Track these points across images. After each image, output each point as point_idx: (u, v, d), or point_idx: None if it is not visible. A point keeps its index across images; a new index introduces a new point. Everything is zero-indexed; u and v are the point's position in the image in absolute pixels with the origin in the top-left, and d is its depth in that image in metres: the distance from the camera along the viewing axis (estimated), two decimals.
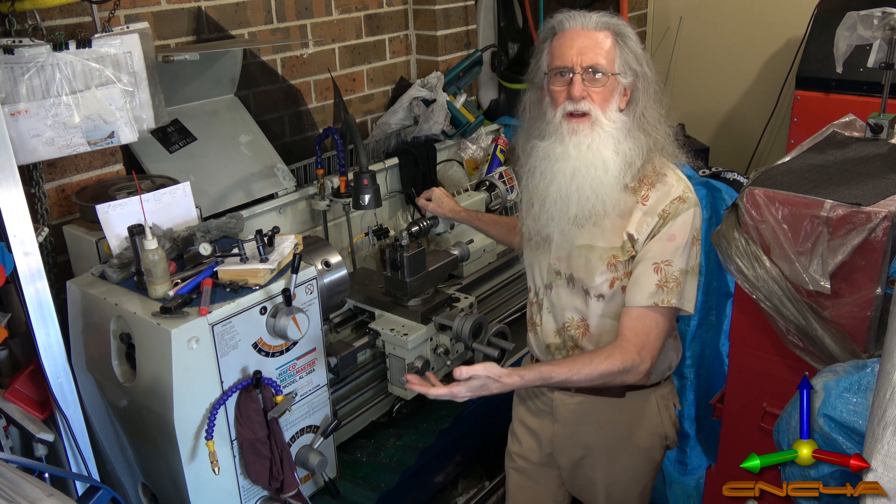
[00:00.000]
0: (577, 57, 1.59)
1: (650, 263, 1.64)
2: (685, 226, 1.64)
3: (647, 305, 1.64)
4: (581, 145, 1.61)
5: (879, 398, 1.15)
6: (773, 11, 3.72)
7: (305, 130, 2.83)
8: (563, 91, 1.62)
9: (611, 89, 1.62)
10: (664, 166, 1.68)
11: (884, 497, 1.10)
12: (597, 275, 1.69)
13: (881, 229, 1.58)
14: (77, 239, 1.93)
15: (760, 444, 1.61)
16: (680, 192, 1.65)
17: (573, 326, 1.77)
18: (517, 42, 3.48)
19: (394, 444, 2.17)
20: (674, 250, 1.63)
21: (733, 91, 4.00)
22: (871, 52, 2.03)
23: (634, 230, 1.66)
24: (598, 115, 1.61)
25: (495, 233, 2.20)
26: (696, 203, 1.68)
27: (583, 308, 1.75)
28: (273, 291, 1.69)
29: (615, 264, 1.68)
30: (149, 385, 1.62)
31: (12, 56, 1.66)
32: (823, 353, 1.70)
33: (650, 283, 1.63)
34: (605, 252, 1.68)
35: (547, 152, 1.65)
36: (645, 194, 1.66)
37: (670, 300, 1.63)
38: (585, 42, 1.60)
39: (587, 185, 1.61)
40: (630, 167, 1.63)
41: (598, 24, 1.62)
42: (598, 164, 1.61)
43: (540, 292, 1.83)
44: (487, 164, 2.99)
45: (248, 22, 2.56)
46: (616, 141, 1.62)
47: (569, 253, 1.73)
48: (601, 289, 1.70)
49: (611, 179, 1.61)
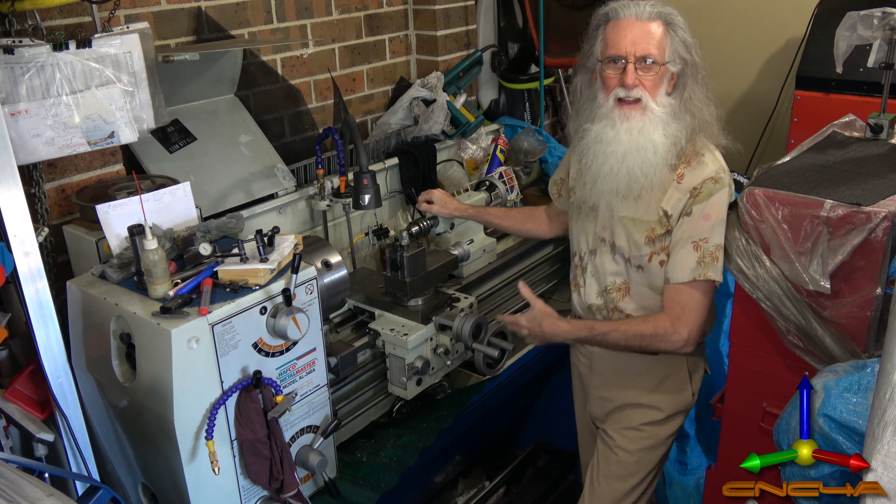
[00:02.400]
0: (630, 46, 1.70)
1: (689, 242, 1.75)
2: (720, 205, 1.75)
3: (687, 281, 1.75)
4: (633, 130, 1.72)
5: (879, 398, 1.15)
6: (773, 11, 3.72)
7: (305, 130, 2.83)
8: (615, 77, 1.72)
9: (661, 76, 1.72)
10: (704, 147, 1.78)
11: (884, 497, 1.11)
12: (638, 247, 1.82)
13: (881, 229, 1.58)
14: (77, 239, 1.93)
15: (760, 444, 1.62)
16: (713, 172, 1.75)
17: (615, 289, 1.91)
18: (517, 42, 3.48)
19: (394, 444, 2.17)
20: (710, 228, 1.74)
21: (733, 91, 4.00)
22: (871, 52, 2.04)
23: (669, 207, 1.77)
24: (649, 101, 1.71)
25: (507, 224, 2.26)
26: (730, 184, 1.78)
27: (623, 274, 1.88)
28: (273, 291, 1.69)
29: (653, 239, 1.80)
30: (149, 385, 1.62)
31: (12, 56, 1.66)
32: (823, 353, 1.70)
33: (691, 260, 1.75)
34: (645, 225, 1.80)
35: (599, 136, 1.76)
36: (681, 173, 1.77)
37: (707, 273, 1.74)
38: (639, 32, 1.70)
39: (637, 166, 1.73)
40: (676, 147, 1.74)
41: (651, 14, 1.71)
42: (647, 146, 1.72)
43: (585, 257, 1.97)
44: (487, 164, 2.99)
45: (248, 22, 2.56)
46: (665, 124, 1.72)
47: (612, 223, 1.86)
48: (641, 261, 1.83)
49: (659, 160, 1.73)
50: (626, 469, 2.00)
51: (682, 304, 1.77)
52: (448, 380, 2.35)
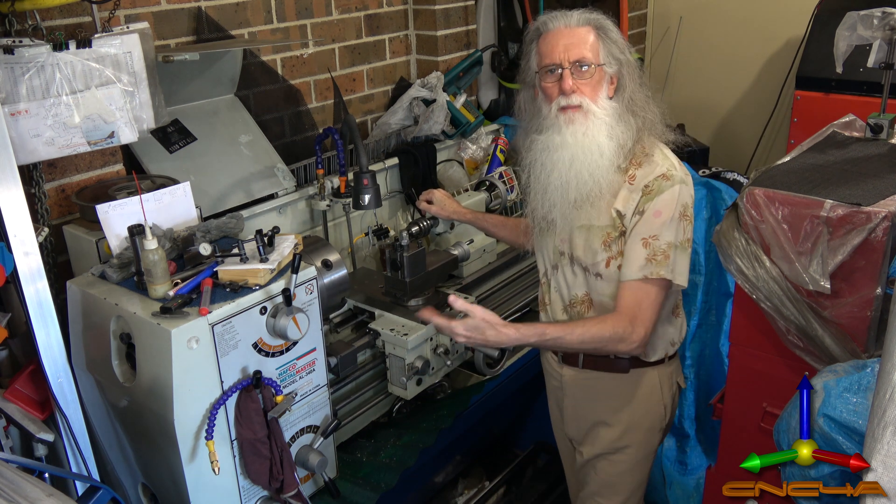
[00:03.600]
0: (563, 53, 1.71)
1: (638, 239, 1.73)
2: (670, 202, 1.72)
3: (638, 279, 1.72)
4: (577, 133, 1.72)
5: (879, 398, 1.15)
6: (773, 11, 3.72)
7: (305, 130, 2.83)
8: (554, 87, 1.73)
9: (598, 80, 1.73)
10: (653, 146, 1.78)
11: (884, 497, 1.11)
12: (594, 254, 1.79)
13: (881, 229, 1.58)
14: (77, 239, 1.93)
15: (760, 444, 1.62)
16: (664, 169, 1.74)
17: (578, 302, 1.88)
18: (517, 42, 3.48)
19: (394, 444, 2.17)
20: (660, 225, 1.71)
21: (733, 91, 4.00)
22: (871, 52, 2.03)
23: (621, 206, 1.76)
24: (590, 105, 1.72)
25: (503, 234, 2.25)
26: (683, 180, 1.75)
27: (584, 286, 1.86)
28: (273, 291, 1.69)
29: (609, 243, 1.78)
30: (149, 385, 1.62)
31: (12, 56, 1.66)
32: (823, 353, 1.70)
33: (639, 257, 1.72)
34: (601, 230, 1.78)
35: (546, 144, 1.76)
36: (632, 174, 1.76)
37: (659, 272, 1.71)
38: (570, 39, 1.72)
39: (585, 169, 1.72)
40: (622, 149, 1.74)
41: (580, 21, 1.74)
42: (593, 148, 1.72)
43: (548, 273, 1.95)
44: (487, 164, 2.99)
45: (248, 22, 2.56)
46: (609, 127, 1.73)
47: (570, 234, 1.84)
48: (598, 268, 1.80)
49: (606, 163, 1.72)
50: (611, 489, 2.00)
51: (638, 302, 1.72)
52: (448, 380, 2.35)
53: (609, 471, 1.99)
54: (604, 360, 1.89)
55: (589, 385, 1.94)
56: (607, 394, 1.93)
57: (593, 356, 1.89)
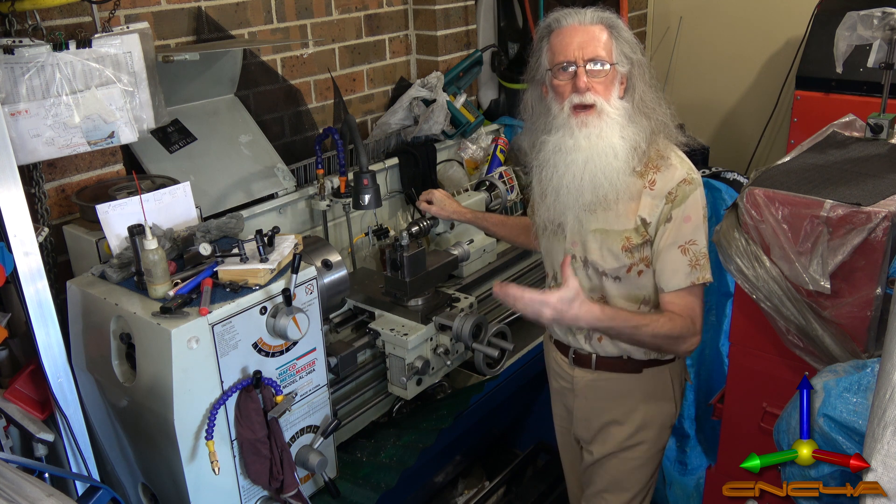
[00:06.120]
0: (578, 51, 1.68)
1: (675, 247, 1.72)
2: (696, 205, 1.73)
3: (686, 286, 1.73)
4: (591, 136, 1.69)
5: (879, 398, 1.15)
6: (773, 11, 3.72)
7: (305, 130, 2.83)
8: (567, 85, 1.70)
9: (611, 79, 1.70)
10: (667, 148, 1.76)
11: (884, 497, 1.10)
12: (615, 258, 1.77)
13: (881, 229, 1.58)
14: (77, 239, 1.93)
15: (760, 444, 1.62)
16: (685, 174, 1.73)
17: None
18: (517, 42, 3.48)
19: (394, 444, 2.17)
20: (693, 230, 1.72)
21: (733, 91, 4.00)
22: (871, 52, 2.04)
23: (646, 214, 1.73)
24: (604, 105, 1.69)
25: (504, 234, 2.24)
26: (700, 182, 1.76)
27: (599, 289, 1.83)
28: (273, 291, 1.69)
29: (630, 249, 1.75)
30: (149, 385, 1.62)
31: (12, 56, 1.66)
32: (823, 353, 1.70)
33: (682, 264, 1.72)
34: (619, 235, 1.76)
35: (558, 145, 1.73)
36: (652, 179, 1.74)
37: (705, 276, 1.73)
38: (584, 36, 1.69)
39: (599, 172, 1.70)
40: (636, 150, 1.71)
41: (594, 19, 1.71)
42: (607, 151, 1.69)
43: (557, 276, 1.90)
44: (487, 164, 2.99)
45: (248, 22, 2.56)
46: (621, 127, 1.70)
47: (584, 238, 1.81)
48: (619, 272, 1.78)
49: (620, 164, 1.70)
50: (619, 486, 2.00)
51: (690, 305, 1.74)
52: (448, 380, 2.35)
53: (619, 468, 1.98)
54: (617, 362, 1.88)
55: (601, 386, 1.93)
56: (620, 394, 1.92)
57: (607, 358, 1.88)
